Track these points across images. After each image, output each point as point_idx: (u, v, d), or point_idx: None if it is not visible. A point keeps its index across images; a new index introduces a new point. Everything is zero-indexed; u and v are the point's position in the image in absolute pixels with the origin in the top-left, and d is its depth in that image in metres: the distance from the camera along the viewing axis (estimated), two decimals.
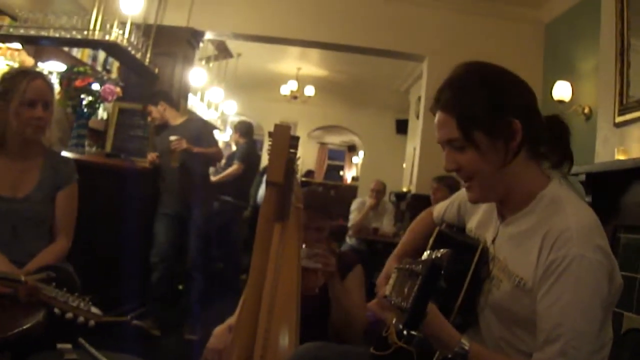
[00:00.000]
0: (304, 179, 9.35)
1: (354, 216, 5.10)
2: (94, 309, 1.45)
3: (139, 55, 3.96)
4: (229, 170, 4.58)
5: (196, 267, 3.59)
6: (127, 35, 3.66)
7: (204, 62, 6.09)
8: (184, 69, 4.77)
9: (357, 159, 12.63)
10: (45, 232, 1.88)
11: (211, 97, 6.29)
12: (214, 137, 3.91)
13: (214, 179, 4.41)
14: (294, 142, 1.60)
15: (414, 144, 6.21)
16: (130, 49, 3.77)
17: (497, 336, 1.12)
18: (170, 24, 4.57)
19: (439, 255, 1.03)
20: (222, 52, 6.39)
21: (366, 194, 5.36)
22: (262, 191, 5.04)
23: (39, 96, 1.81)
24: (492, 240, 1.19)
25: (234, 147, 5.21)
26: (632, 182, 2.63)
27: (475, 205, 1.30)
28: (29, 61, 3.66)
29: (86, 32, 3.52)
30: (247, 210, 5.07)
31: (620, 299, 1.07)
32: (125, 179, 3.42)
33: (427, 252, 1.13)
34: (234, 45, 6.30)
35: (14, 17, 3.60)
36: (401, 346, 1.06)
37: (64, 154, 2.22)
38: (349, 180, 12.86)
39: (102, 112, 4.63)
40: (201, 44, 5.21)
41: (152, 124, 3.90)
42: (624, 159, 2.75)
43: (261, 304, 1.48)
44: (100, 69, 4.83)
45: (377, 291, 1.32)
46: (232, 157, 4.84)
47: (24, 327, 1.44)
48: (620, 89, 3.02)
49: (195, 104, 5.59)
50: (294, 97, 8.24)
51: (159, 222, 3.55)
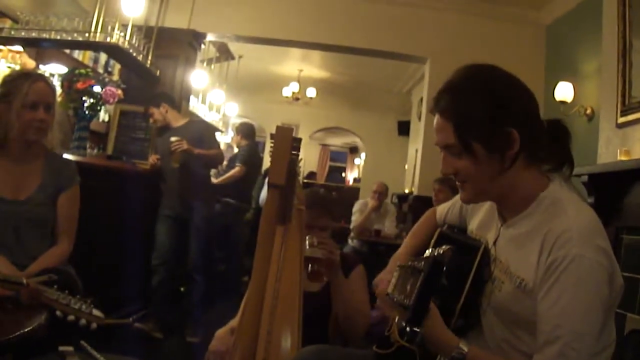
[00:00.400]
0: (306, 181, 9.35)
1: (356, 218, 5.10)
2: (96, 312, 1.45)
3: (140, 57, 3.96)
4: (231, 172, 4.57)
5: (198, 269, 3.58)
6: (128, 37, 3.67)
7: (205, 64, 6.09)
8: (186, 71, 4.77)
9: (359, 160, 12.63)
10: (47, 235, 1.88)
11: (213, 99, 6.28)
12: (215, 139, 3.90)
13: (215, 181, 4.41)
14: (296, 144, 1.59)
15: (416, 145, 6.20)
16: (131, 51, 3.77)
17: (499, 338, 1.12)
18: (171, 26, 4.56)
19: (440, 251, 1.04)
20: (224, 54, 6.39)
21: (368, 195, 5.34)
22: (264, 193, 5.04)
23: (41, 98, 1.82)
24: (494, 241, 1.19)
25: (235, 149, 5.20)
26: (635, 183, 2.62)
27: (476, 206, 1.30)
28: (31, 63, 3.66)
29: (87, 34, 3.52)
30: (249, 212, 5.06)
31: (622, 300, 1.07)
32: (126, 182, 3.43)
33: (428, 251, 1.13)
34: (235, 47, 6.31)
35: (15, 20, 3.60)
36: (403, 345, 1.05)
37: (66, 156, 2.23)
38: (351, 181, 12.87)
39: (103, 115, 4.64)
40: (203, 46, 5.22)
41: (154, 126, 3.90)
42: (627, 160, 2.75)
43: (263, 306, 1.47)
44: (101, 71, 4.83)
45: (374, 289, 1.32)
46: (234, 159, 4.83)
47: (26, 329, 1.44)
48: (622, 89, 3.02)
49: (196, 106, 5.58)
50: (296, 98, 8.23)
51: (160, 224, 3.55)
